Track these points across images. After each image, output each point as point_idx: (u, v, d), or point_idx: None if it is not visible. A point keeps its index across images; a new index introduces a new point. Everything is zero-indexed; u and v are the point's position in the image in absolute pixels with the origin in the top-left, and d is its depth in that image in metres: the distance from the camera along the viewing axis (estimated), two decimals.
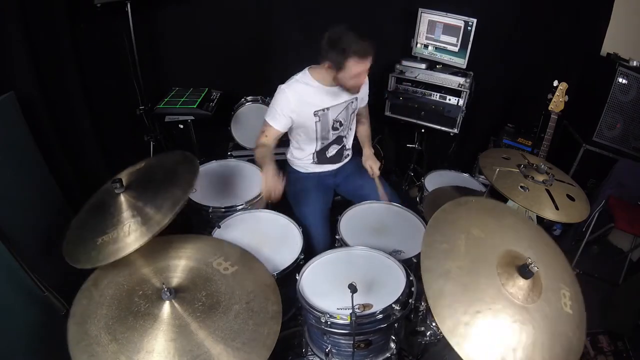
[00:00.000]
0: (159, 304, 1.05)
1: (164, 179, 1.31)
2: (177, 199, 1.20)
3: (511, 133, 2.72)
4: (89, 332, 0.99)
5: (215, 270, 1.19)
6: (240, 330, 1.03)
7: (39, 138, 1.79)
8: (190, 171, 1.32)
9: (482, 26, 2.38)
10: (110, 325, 1.00)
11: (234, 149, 2.60)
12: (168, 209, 1.18)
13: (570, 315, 0.96)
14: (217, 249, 1.28)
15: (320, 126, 1.80)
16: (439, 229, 1.07)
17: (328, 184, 1.98)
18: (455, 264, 0.97)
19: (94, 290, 1.10)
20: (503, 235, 1.08)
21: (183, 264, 1.20)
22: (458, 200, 1.16)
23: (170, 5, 2.43)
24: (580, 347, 0.93)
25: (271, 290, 1.18)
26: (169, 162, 1.42)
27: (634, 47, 2.36)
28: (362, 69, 1.60)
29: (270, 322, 1.07)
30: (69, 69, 2.09)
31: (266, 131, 1.77)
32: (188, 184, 1.26)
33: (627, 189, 2.29)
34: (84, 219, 1.32)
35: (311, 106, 1.74)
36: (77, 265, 1.14)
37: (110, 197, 1.26)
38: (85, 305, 1.06)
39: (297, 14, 2.53)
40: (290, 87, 1.73)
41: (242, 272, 1.20)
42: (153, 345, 0.96)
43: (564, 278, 1.05)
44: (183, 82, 2.53)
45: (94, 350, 0.95)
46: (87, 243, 1.17)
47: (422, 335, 1.49)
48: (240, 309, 1.08)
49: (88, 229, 1.23)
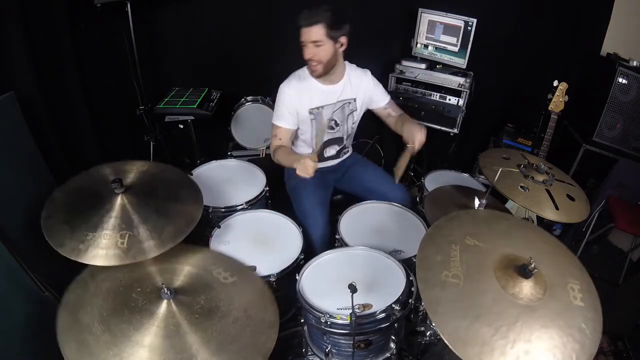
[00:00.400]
0: (157, 302, 1.05)
1: (166, 199, 1.29)
2: (169, 236, 1.17)
3: (511, 133, 2.72)
4: (80, 321, 0.99)
5: (215, 278, 1.19)
6: (237, 336, 1.03)
7: (39, 138, 1.79)
8: (193, 204, 1.31)
9: (482, 26, 2.37)
10: (104, 316, 1.00)
11: (234, 149, 2.61)
12: (158, 244, 1.15)
13: (581, 308, 0.96)
14: (217, 259, 1.29)
15: (315, 124, 1.80)
16: (432, 242, 1.08)
17: (327, 179, 1.99)
18: (451, 273, 0.98)
19: (90, 280, 1.10)
20: (498, 241, 1.09)
21: (186, 270, 1.20)
22: (450, 215, 1.18)
23: (170, 5, 2.43)
24: (597, 337, 0.92)
25: (268, 301, 1.18)
26: (174, 179, 1.41)
27: (634, 47, 2.36)
28: (305, 37, 1.61)
29: (269, 331, 1.07)
30: (69, 69, 2.09)
31: (277, 134, 1.77)
32: (190, 219, 1.25)
33: (627, 189, 2.28)
34: (73, 198, 1.26)
35: (307, 103, 1.75)
36: (59, 249, 1.10)
37: (107, 192, 1.23)
38: (80, 294, 1.06)
39: (297, 14, 2.52)
40: (288, 83, 1.75)
41: (240, 283, 1.21)
42: (147, 340, 0.96)
43: (571, 271, 1.05)
44: (183, 82, 2.53)
45: (85, 339, 0.95)
46: (76, 231, 1.13)
47: (422, 335, 1.49)
48: (239, 316, 1.08)
49: (77, 215, 1.18)
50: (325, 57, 1.64)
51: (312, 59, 1.64)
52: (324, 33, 1.58)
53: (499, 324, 0.89)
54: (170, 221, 1.22)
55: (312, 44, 1.61)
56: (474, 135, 2.91)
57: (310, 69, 1.70)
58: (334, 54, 1.66)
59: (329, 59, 1.66)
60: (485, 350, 0.86)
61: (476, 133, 2.93)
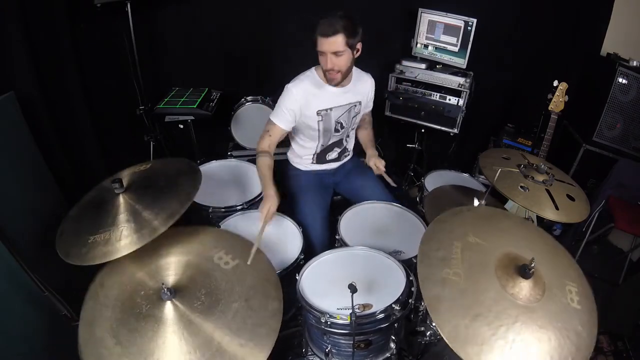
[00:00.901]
0: (159, 304, 1.04)
1: (165, 186, 1.29)
2: (174, 212, 1.18)
3: (511, 133, 2.72)
4: (95, 334, 0.99)
5: (215, 265, 1.18)
6: (238, 330, 1.02)
7: (39, 138, 1.79)
8: (191, 185, 1.30)
9: (482, 26, 2.38)
10: (114, 327, 1.00)
11: (234, 149, 2.60)
12: (163, 221, 1.16)
13: (578, 311, 0.97)
14: (218, 241, 1.27)
15: (322, 126, 1.80)
16: (434, 237, 1.08)
17: (327, 182, 1.99)
18: (452, 271, 0.98)
19: (99, 290, 1.10)
20: (499, 240, 1.09)
21: (181, 259, 1.19)
22: (453, 210, 1.18)
23: (170, 5, 2.43)
24: (592, 341, 0.93)
25: (272, 286, 1.15)
26: (173, 169, 1.41)
27: (634, 47, 2.36)
28: (326, 47, 1.57)
29: (270, 322, 1.06)
30: (69, 69, 2.09)
31: (270, 130, 1.76)
32: (186, 198, 1.24)
33: (627, 189, 2.29)
34: (81, 211, 1.29)
35: (315, 105, 1.74)
36: (66, 258, 1.11)
37: (109, 195, 1.25)
38: (92, 306, 1.06)
39: (297, 14, 2.53)
40: (297, 85, 1.72)
41: (243, 265, 1.19)
42: (153, 348, 0.96)
43: (569, 274, 1.05)
44: (183, 82, 2.53)
45: (100, 354, 0.95)
46: (80, 238, 1.15)
47: (422, 335, 1.49)
48: (240, 307, 1.07)
49: (83, 223, 1.21)
50: (345, 66, 1.63)
51: (332, 68, 1.61)
52: (344, 42, 1.55)
53: (498, 323, 0.90)
54: (169, 201, 1.22)
55: (332, 55, 1.58)
56: (474, 135, 2.91)
57: (328, 77, 1.67)
58: (352, 61, 1.66)
59: (347, 67, 1.65)
60: (484, 350, 0.86)
61: (476, 133, 2.93)
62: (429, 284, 0.96)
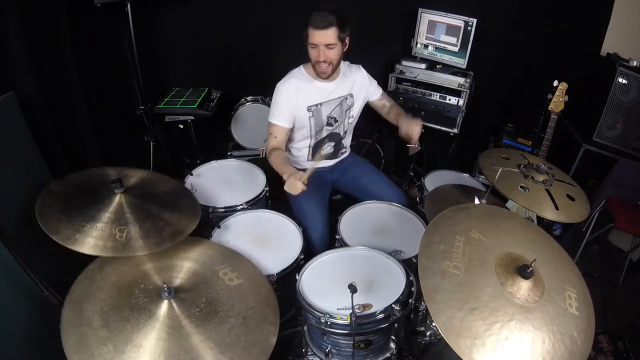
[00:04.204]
0: (157, 301, 1.05)
1: (164, 206, 1.30)
2: (160, 241, 1.19)
3: (511, 133, 2.72)
4: (82, 313, 0.99)
5: (220, 279, 1.19)
6: (232, 344, 1.02)
7: (39, 138, 1.79)
8: (190, 220, 1.32)
9: (482, 26, 2.37)
10: (105, 310, 1.01)
11: (234, 149, 2.61)
12: (145, 245, 1.16)
13: (575, 317, 0.96)
14: (226, 257, 1.28)
15: (313, 121, 1.81)
16: (437, 231, 1.08)
17: (325, 180, 1.99)
18: (453, 263, 0.98)
19: (97, 272, 1.10)
20: (502, 238, 1.09)
21: (188, 266, 1.20)
22: (458, 206, 1.18)
23: (170, 6, 2.43)
24: (587, 349, 0.93)
25: (271, 311, 1.17)
26: (175, 191, 1.43)
27: (634, 47, 2.36)
28: (319, 40, 1.62)
29: (264, 344, 1.07)
30: (69, 69, 2.09)
31: (273, 132, 1.77)
32: (180, 232, 1.25)
33: (627, 189, 2.28)
34: (68, 190, 1.28)
35: (305, 101, 1.76)
36: (54, 236, 1.10)
37: (105, 190, 1.25)
38: (86, 285, 1.06)
39: (297, 14, 2.52)
40: (285, 82, 1.77)
41: (246, 286, 1.20)
42: (142, 340, 0.96)
43: (570, 280, 1.05)
44: (183, 82, 2.53)
45: (84, 332, 0.95)
46: (73, 221, 1.14)
47: (422, 335, 1.49)
48: (236, 323, 1.08)
49: (74, 205, 1.20)
50: (336, 59, 1.69)
51: (324, 60, 1.66)
52: (336, 35, 1.62)
53: (494, 319, 0.90)
54: (163, 226, 1.23)
55: (325, 47, 1.63)
56: (474, 135, 2.91)
57: (319, 70, 1.71)
58: (342, 54, 1.71)
59: (338, 60, 1.70)
60: (477, 344, 0.86)
61: (476, 133, 2.93)
62: (428, 273, 0.97)
